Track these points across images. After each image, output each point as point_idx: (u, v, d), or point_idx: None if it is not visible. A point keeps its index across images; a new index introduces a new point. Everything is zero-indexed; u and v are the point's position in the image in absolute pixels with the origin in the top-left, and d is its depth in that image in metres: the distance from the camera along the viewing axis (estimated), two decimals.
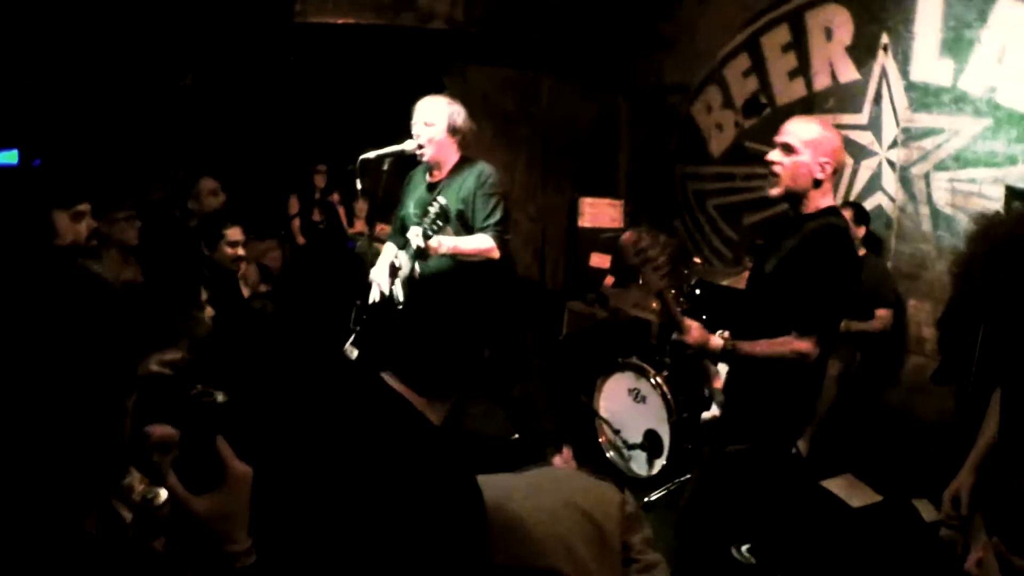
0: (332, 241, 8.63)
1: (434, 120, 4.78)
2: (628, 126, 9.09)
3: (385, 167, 4.98)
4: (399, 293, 4.87)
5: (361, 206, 8.80)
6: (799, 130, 3.40)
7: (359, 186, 5.08)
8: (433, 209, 4.50)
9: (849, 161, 6.65)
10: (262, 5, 7.48)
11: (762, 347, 3.37)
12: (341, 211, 9.02)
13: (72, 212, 3.94)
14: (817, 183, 3.38)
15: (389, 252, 5.09)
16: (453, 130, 4.82)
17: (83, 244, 4.01)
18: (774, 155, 3.43)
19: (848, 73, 6.67)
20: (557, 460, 3.33)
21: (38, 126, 9.44)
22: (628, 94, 9.00)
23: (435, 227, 4.52)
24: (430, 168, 4.94)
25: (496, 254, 4.77)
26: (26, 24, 7.22)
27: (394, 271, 4.92)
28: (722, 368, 3.85)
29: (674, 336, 3.47)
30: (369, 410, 2.29)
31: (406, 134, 5.08)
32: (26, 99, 8.52)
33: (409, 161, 5.14)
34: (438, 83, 8.17)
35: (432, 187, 4.90)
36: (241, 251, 5.10)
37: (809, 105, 6.97)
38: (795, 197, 3.44)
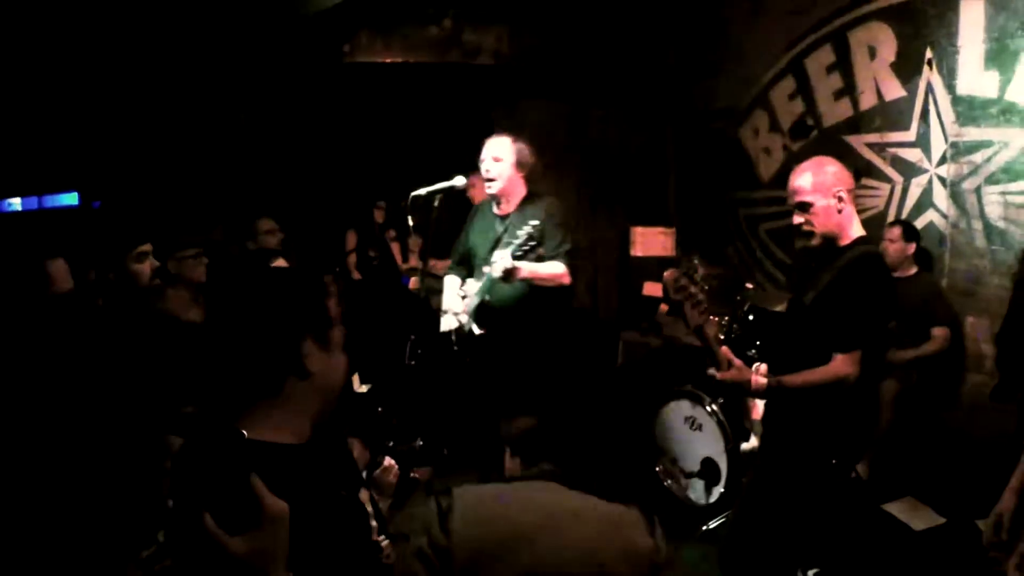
0: (386, 277, 8.72)
1: (502, 156, 5.05)
2: (676, 153, 9.10)
3: (436, 203, 5.15)
4: (471, 324, 5.08)
5: (415, 242, 8.89)
6: (801, 184, 3.58)
7: (410, 222, 5.25)
8: (524, 231, 4.72)
9: (898, 179, 6.62)
10: (313, 47, 7.64)
11: (803, 378, 3.45)
12: (395, 247, 9.11)
13: (135, 253, 4.08)
14: (840, 212, 3.54)
15: (453, 284, 5.23)
16: (520, 165, 5.09)
17: (147, 284, 4.14)
18: (797, 219, 3.61)
19: (894, 90, 6.63)
20: None
21: (97, 169, 9.70)
22: (675, 121, 9.01)
23: (525, 248, 4.73)
24: (497, 201, 5.16)
25: (568, 280, 5.02)
26: (84, 70, 7.44)
27: (463, 299, 5.09)
28: (759, 400, 3.89)
29: (710, 371, 3.54)
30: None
31: (459, 169, 5.24)
32: (85, 142, 8.76)
33: (459, 197, 5.25)
34: (487, 118, 8.27)
35: (501, 219, 5.13)
36: None
37: (856, 125, 6.95)
38: (831, 237, 3.57)
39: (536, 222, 4.78)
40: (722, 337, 5.14)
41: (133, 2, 6.38)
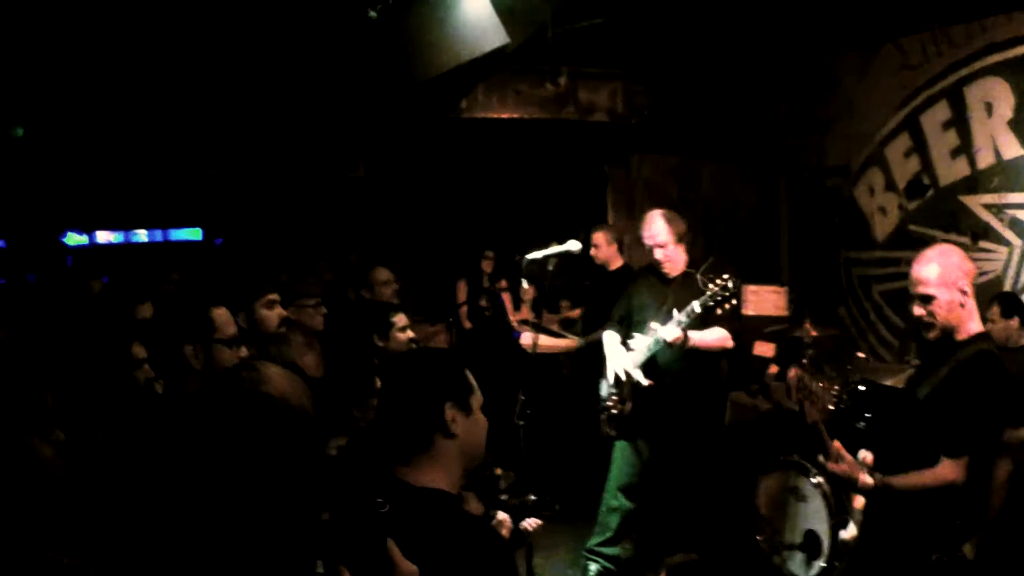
0: (497, 329, 8.82)
1: (664, 240, 5.53)
2: (789, 210, 9.02)
3: (551, 267, 5.27)
4: (639, 378, 5.46)
5: (527, 291, 8.97)
6: (925, 275, 3.49)
7: (524, 284, 5.47)
8: (690, 308, 5.16)
9: (1017, 242, 6.48)
10: (430, 103, 7.83)
11: (910, 481, 3.43)
12: (507, 298, 9.21)
13: (265, 300, 4.26)
14: (963, 306, 3.47)
15: (613, 339, 5.73)
16: (679, 238, 5.58)
17: (273, 331, 4.32)
18: (917, 310, 3.54)
19: (1012, 149, 6.51)
20: None
21: (221, 207, 10.08)
22: (788, 177, 8.95)
23: (687, 320, 5.18)
24: (663, 273, 5.63)
25: (731, 343, 5.48)
26: (216, 116, 7.75)
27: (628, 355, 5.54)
28: None
29: (820, 460, 3.64)
30: None
31: (570, 221, 5.41)
32: (211, 181, 9.13)
33: (574, 257, 5.36)
34: (601, 172, 8.35)
35: (668, 281, 5.61)
36: (411, 334, 5.32)
37: (973, 184, 6.83)
38: (950, 330, 3.51)
39: (715, 288, 5.16)
40: (831, 408, 5.09)
41: (267, 57, 6.64)
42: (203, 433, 1.94)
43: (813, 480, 5.30)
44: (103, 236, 11.40)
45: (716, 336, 5.36)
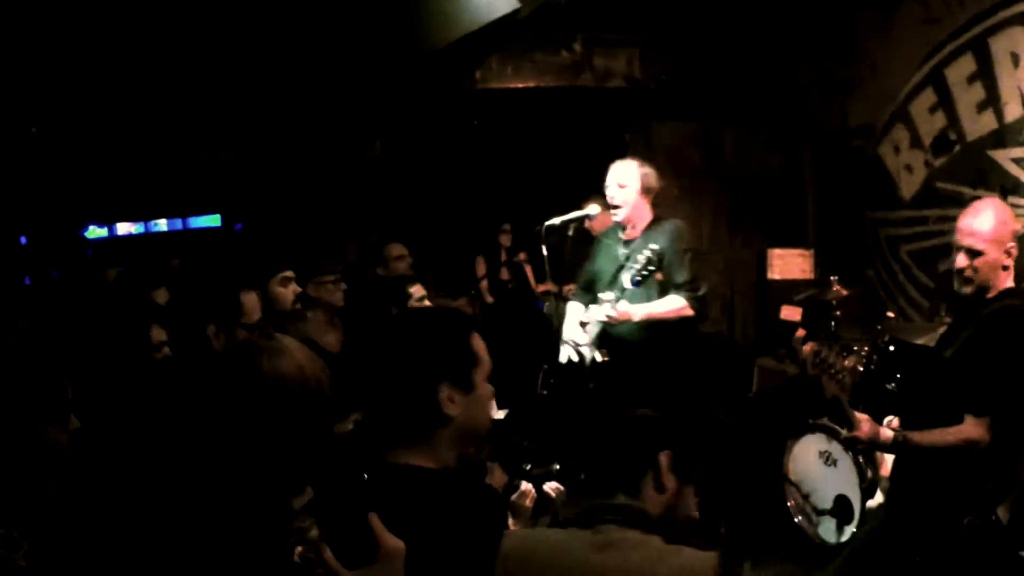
0: (520, 301, 8.78)
1: (627, 182, 5.00)
2: (814, 173, 8.89)
3: (570, 232, 5.17)
4: (592, 353, 5.03)
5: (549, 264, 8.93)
6: (978, 227, 3.35)
7: (544, 252, 5.28)
8: (643, 256, 4.73)
9: None
10: (444, 75, 7.78)
11: (931, 438, 3.37)
12: (528, 271, 9.16)
13: (280, 277, 4.24)
14: (1006, 268, 3.38)
15: (576, 311, 5.23)
16: (646, 190, 5.05)
17: (289, 309, 4.30)
18: (961, 261, 3.40)
19: None
20: None
21: (238, 193, 10.10)
22: (812, 140, 8.82)
23: (646, 271, 4.74)
24: (623, 227, 5.13)
25: (689, 312, 4.97)
26: (228, 102, 7.75)
27: (582, 326, 5.08)
28: (888, 456, 3.84)
29: (845, 433, 3.55)
30: None
31: (591, 192, 5.24)
32: (227, 168, 9.14)
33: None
34: (620, 140, 8.26)
35: (627, 244, 5.09)
36: (428, 303, 5.29)
37: (1001, 138, 6.65)
38: (985, 287, 3.41)
39: (656, 247, 4.78)
40: (861, 369, 4.99)
41: (275, 39, 6.61)
42: (213, 399, 1.89)
43: (844, 443, 5.21)
44: (123, 228, 11.46)
45: (669, 306, 4.94)
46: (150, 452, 2.80)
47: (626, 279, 4.76)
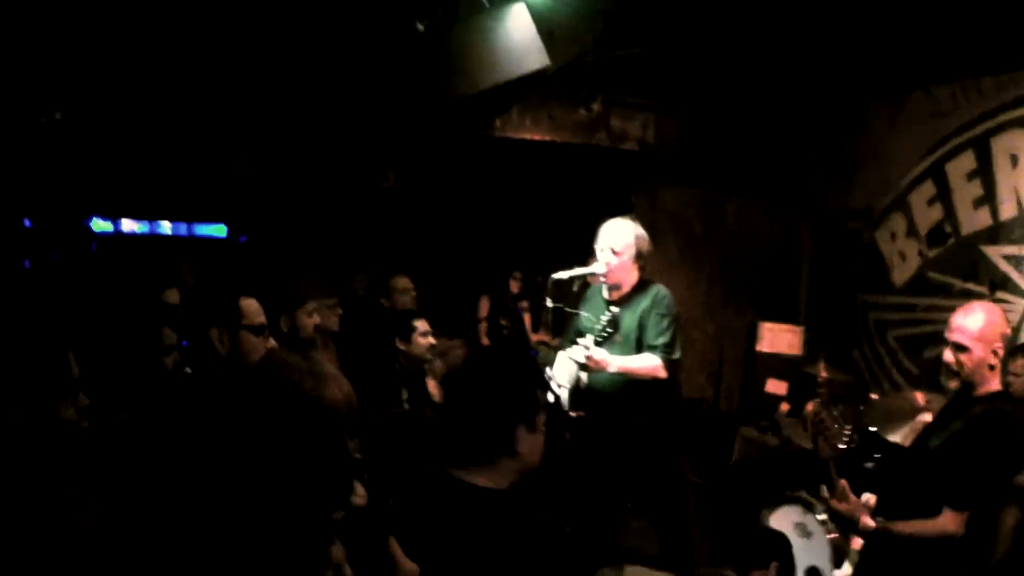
0: (514, 346, 8.87)
1: (622, 250, 5.00)
2: (811, 250, 9.09)
3: (575, 288, 5.26)
4: (564, 402, 5.09)
5: (547, 314, 9.01)
6: (967, 325, 3.52)
7: (549, 304, 5.34)
8: (605, 317, 4.85)
9: None
10: (465, 118, 7.92)
11: (909, 528, 3.48)
12: (527, 318, 9.28)
13: (308, 309, 4.37)
14: (991, 367, 3.52)
15: (562, 359, 5.30)
16: (638, 258, 5.06)
17: (310, 336, 4.43)
18: (948, 355, 3.58)
19: None
20: None
21: (247, 207, 10.16)
22: (812, 217, 9.02)
23: (605, 334, 4.85)
24: (609, 287, 5.15)
25: (662, 374, 4.95)
26: (246, 114, 7.84)
27: (563, 379, 5.16)
28: None
29: (823, 494, 3.71)
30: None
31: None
32: (239, 178, 9.21)
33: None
34: (627, 200, 8.42)
35: (609, 304, 5.11)
36: (432, 340, 5.41)
37: (995, 235, 6.88)
38: (971, 384, 3.56)
39: (616, 310, 4.90)
40: (841, 447, 5.12)
41: (308, 62, 6.73)
42: (256, 411, 1.98)
43: (819, 517, 5.34)
44: (128, 225, 11.47)
45: (643, 363, 4.94)
46: (162, 454, 2.89)
47: (588, 343, 4.82)
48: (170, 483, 2.61)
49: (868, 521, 3.51)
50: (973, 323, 3.52)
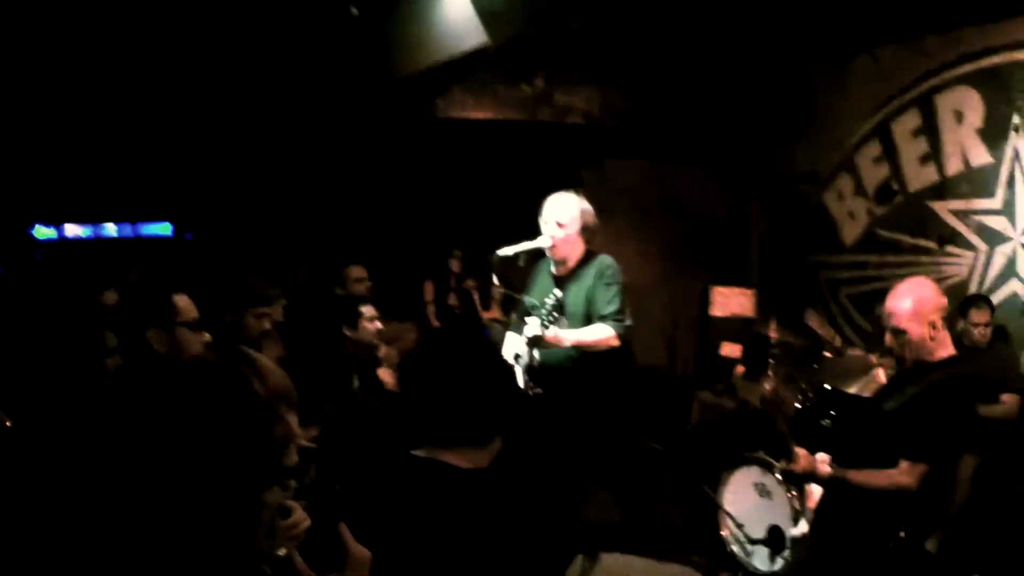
0: (467, 326, 8.84)
1: (567, 222, 4.93)
2: (759, 214, 9.16)
3: (521, 263, 5.21)
4: (520, 380, 5.04)
5: (497, 291, 9.00)
6: (898, 309, 3.59)
7: (495, 281, 5.30)
8: (550, 301, 4.75)
9: (983, 247, 6.60)
10: (405, 102, 7.87)
11: (865, 477, 3.54)
12: (476, 297, 9.25)
13: (258, 311, 4.31)
14: (934, 338, 3.57)
15: (512, 339, 5.27)
16: (584, 231, 4.99)
17: (255, 336, 4.37)
18: (888, 340, 3.66)
19: (980, 156, 6.65)
20: None
21: (191, 202, 10.03)
22: (759, 182, 9.08)
23: (551, 318, 4.75)
24: (556, 262, 5.09)
25: (616, 342, 4.90)
26: (187, 111, 7.74)
27: (516, 358, 5.10)
28: (816, 489, 3.99)
29: (783, 465, 3.79)
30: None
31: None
32: (181, 175, 9.09)
33: (544, 253, 5.34)
34: (576, 175, 8.40)
35: (557, 280, 5.07)
36: (379, 325, 5.35)
37: (941, 191, 6.96)
38: (920, 359, 3.62)
39: (560, 293, 4.82)
40: (797, 406, 5.16)
41: (243, 53, 6.65)
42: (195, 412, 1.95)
43: (777, 476, 5.37)
44: (72, 230, 11.29)
45: (597, 335, 4.87)
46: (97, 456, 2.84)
47: (535, 323, 4.74)
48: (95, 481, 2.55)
49: (825, 467, 3.60)
50: (903, 306, 3.58)
